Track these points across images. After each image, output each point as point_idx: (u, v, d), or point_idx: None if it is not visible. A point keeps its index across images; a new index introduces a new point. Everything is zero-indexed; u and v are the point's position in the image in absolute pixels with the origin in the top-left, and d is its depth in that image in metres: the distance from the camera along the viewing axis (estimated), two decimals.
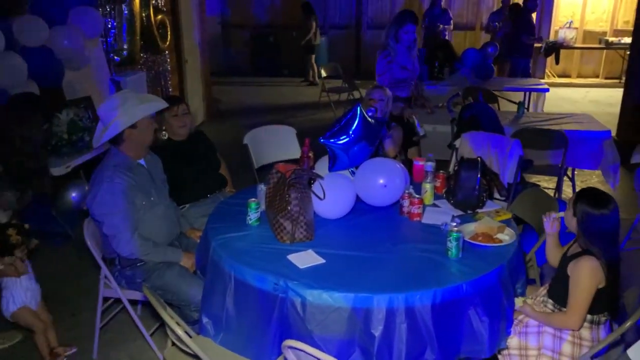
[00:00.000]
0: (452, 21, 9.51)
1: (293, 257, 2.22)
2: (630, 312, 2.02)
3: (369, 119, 2.63)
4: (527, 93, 6.58)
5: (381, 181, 2.59)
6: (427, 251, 2.30)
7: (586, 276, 1.97)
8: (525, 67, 7.93)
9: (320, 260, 2.21)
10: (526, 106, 6.57)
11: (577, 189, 4.97)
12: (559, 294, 2.08)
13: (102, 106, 2.65)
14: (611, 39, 10.94)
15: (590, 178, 5.44)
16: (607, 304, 2.05)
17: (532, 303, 2.19)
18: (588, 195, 2.07)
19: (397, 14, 4.62)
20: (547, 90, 6.58)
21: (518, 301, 2.18)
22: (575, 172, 5.54)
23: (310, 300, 1.97)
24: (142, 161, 2.75)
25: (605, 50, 11.14)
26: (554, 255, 2.33)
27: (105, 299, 2.92)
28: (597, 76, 11.55)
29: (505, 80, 7.07)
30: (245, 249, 2.31)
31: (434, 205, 2.82)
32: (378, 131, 2.67)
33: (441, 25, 9.17)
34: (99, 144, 2.65)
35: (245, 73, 11.97)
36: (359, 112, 2.62)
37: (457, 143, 3.80)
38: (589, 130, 4.44)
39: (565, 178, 4.91)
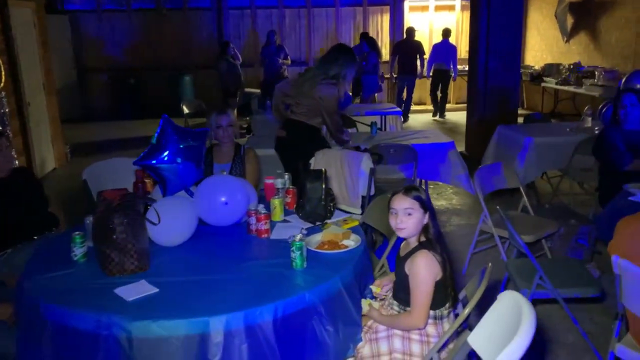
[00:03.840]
0: (288, 56, 9.80)
1: (121, 290, 1.99)
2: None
3: (184, 131, 2.49)
4: (383, 117, 6.90)
5: (223, 199, 2.45)
6: (273, 266, 2.20)
7: (423, 271, 1.96)
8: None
9: (153, 290, 2.00)
10: (383, 129, 6.89)
11: (432, 200, 5.25)
12: (402, 295, 2.05)
13: None
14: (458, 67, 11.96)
15: (446, 190, 5.75)
16: (447, 297, 2.05)
17: (379, 307, 2.14)
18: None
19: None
20: (400, 113, 6.96)
21: (364, 305, 2.12)
22: (432, 185, 5.86)
23: (137, 334, 1.76)
24: None
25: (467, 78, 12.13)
26: None
27: None
28: (450, 102, 12.51)
29: (364, 106, 7.37)
30: (67, 289, 2.04)
31: (285, 221, 2.73)
32: (200, 146, 2.53)
33: (281, 60, 9.44)
34: None
35: (106, 117, 11.33)
36: (165, 124, 2.46)
37: (312, 162, 3.79)
38: (434, 143, 4.69)
39: None
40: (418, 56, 9.91)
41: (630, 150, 3.55)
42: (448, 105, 11.82)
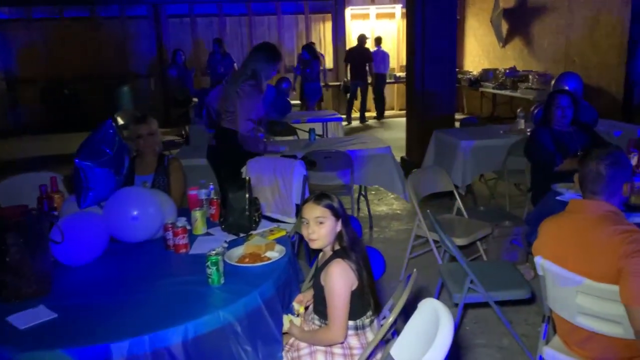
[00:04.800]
0: (235, 64, 9.70)
1: (14, 318, 1.80)
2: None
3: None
4: (325, 123, 6.85)
5: (135, 212, 2.28)
6: (188, 283, 2.06)
7: (337, 281, 1.86)
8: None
9: (51, 316, 1.82)
10: (326, 136, 6.83)
11: (373, 206, 5.21)
12: (322, 308, 1.94)
13: None
14: (399, 74, 12.09)
15: (386, 195, 5.72)
16: (366, 305, 1.96)
17: (300, 322, 2.03)
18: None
19: None
20: (341, 119, 6.93)
21: (285, 321, 2.00)
22: (373, 191, 5.83)
23: None
24: None
25: (396, 85, 12.26)
26: None
27: None
28: (393, 108, 12.63)
29: (305, 114, 7.29)
30: None
31: (207, 234, 2.59)
32: (122, 156, 2.37)
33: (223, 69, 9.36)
34: None
35: (38, 130, 10.78)
36: (110, 125, 2.30)
37: (243, 170, 3.66)
38: (371, 148, 4.65)
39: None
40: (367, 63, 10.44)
41: (559, 150, 3.60)
42: (393, 112, 11.95)
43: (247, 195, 2.54)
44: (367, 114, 11.03)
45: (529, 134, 4.29)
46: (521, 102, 8.56)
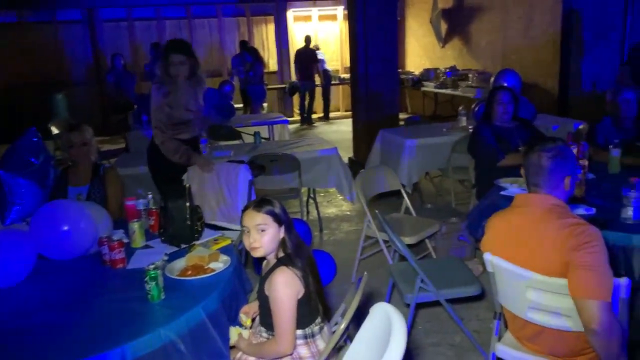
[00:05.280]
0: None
1: None
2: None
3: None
4: (270, 126, 6.76)
5: (65, 227, 2.12)
6: (126, 301, 1.92)
7: (282, 290, 1.78)
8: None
9: None
10: (272, 138, 6.74)
11: (322, 208, 5.16)
12: (268, 320, 1.85)
13: None
14: (343, 75, 12.13)
15: (336, 196, 5.69)
16: (315, 312, 1.89)
17: (248, 334, 1.93)
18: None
19: None
20: (287, 122, 6.86)
21: (233, 334, 1.90)
22: (322, 193, 5.78)
23: None
24: None
25: (341, 86, 12.29)
26: None
27: None
28: (339, 110, 12.65)
29: (250, 117, 7.17)
30: None
31: (146, 246, 2.45)
32: (48, 167, 2.20)
33: None
34: None
35: None
36: (34, 133, 2.13)
37: (185, 177, 3.52)
38: (318, 150, 4.59)
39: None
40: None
41: (501, 145, 3.65)
42: (339, 113, 11.97)
43: (187, 204, 2.42)
44: (312, 116, 11.00)
45: (471, 131, 4.36)
46: (462, 100, 8.73)
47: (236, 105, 9.47)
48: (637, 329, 1.93)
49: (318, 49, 10.78)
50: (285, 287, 1.80)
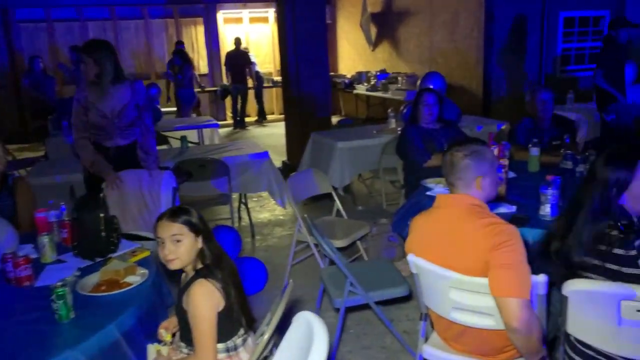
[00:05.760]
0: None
1: None
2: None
3: None
4: (200, 130, 6.58)
5: None
6: (32, 322, 1.78)
7: (201, 304, 1.70)
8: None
9: None
10: (202, 143, 6.56)
11: (255, 213, 5.07)
12: (188, 335, 1.76)
13: None
14: (277, 78, 12.05)
15: (269, 201, 5.60)
16: (236, 323, 1.82)
17: (168, 351, 1.83)
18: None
19: None
20: (217, 125, 6.72)
21: (151, 352, 1.79)
22: (255, 197, 5.68)
23: None
24: None
25: (275, 89, 12.20)
26: None
27: None
28: (273, 112, 12.56)
29: (177, 121, 6.97)
30: None
31: (58, 261, 2.28)
32: None
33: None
34: None
35: None
36: None
37: (104, 185, 3.34)
38: (248, 154, 4.51)
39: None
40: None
41: (427, 146, 3.71)
42: (274, 116, 11.88)
43: (102, 215, 2.27)
44: (246, 119, 10.86)
45: (399, 132, 4.41)
46: (393, 102, 8.88)
47: (169, 110, 9.26)
48: (554, 324, 1.98)
49: (248, 51, 10.66)
50: (204, 301, 1.72)
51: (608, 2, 7.99)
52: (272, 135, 9.57)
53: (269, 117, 11.84)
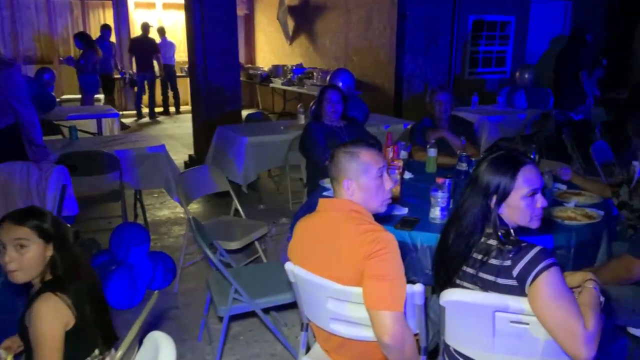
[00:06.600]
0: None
1: None
2: None
3: None
4: (99, 120, 6.14)
5: None
6: None
7: (44, 322, 1.49)
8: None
9: None
10: (102, 134, 6.13)
11: (154, 211, 4.78)
12: (31, 355, 1.53)
13: None
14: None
15: (170, 198, 5.31)
16: (90, 342, 1.61)
17: None
18: None
19: None
20: (117, 115, 6.31)
21: None
22: (156, 193, 5.37)
23: None
24: None
25: (189, 79, 11.72)
26: None
27: None
28: (187, 104, 12.08)
29: (72, 109, 6.46)
30: None
31: None
32: None
33: None
34: None
35: None
36: None
37: None
38: (142, 148, 4.20)
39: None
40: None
41: (330, 144, 3.61)
42: (188, 107, 11.43)
43: None
44: (156, 109, 10.38)
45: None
46: (309, 98, 8.79)
47: (72, 97, 8.65)
48: (435, 333, 1.93)
49: (164, 34, 10.26)
50: (48, 318, 1.50)
51: (514, 8, 8.33)
52: (182, 128, 9.22)
53: (183, 108, 11.39)
